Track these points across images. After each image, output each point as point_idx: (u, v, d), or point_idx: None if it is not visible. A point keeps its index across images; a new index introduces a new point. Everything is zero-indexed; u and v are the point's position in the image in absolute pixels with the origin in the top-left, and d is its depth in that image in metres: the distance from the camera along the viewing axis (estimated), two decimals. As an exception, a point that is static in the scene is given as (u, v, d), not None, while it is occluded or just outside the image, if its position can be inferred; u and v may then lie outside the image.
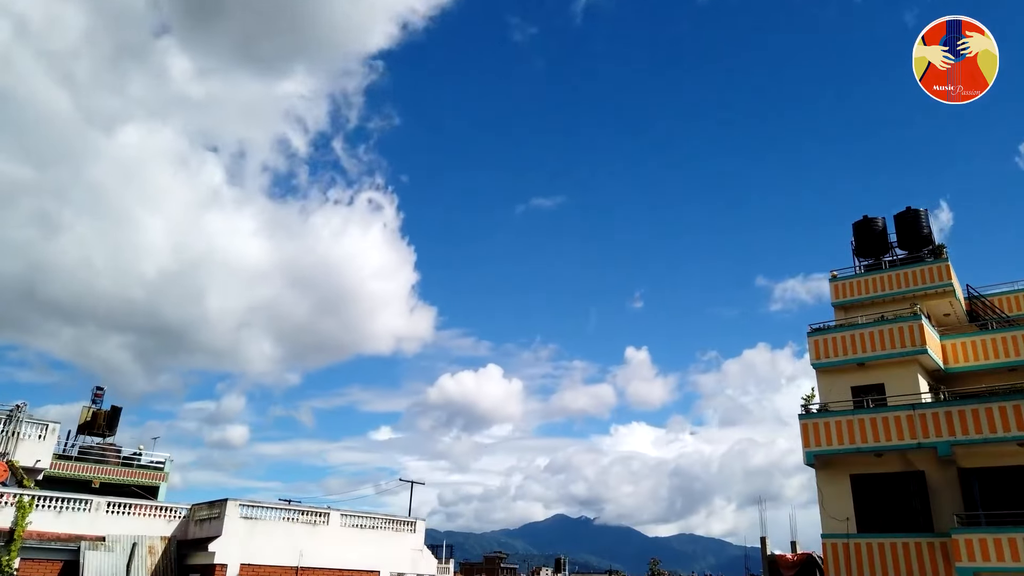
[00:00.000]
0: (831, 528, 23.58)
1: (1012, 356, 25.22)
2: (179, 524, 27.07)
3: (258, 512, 26.32)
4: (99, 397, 44.98)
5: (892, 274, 27.22)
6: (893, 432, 22.76)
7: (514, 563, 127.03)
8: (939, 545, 21.45)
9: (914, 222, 28.54)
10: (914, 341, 24.29)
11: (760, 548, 28.20)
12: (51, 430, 28.66)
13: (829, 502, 24.11)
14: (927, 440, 22.13)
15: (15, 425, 27.24)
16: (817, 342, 26.14)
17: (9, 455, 26.75)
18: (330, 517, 28.07)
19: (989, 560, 19.98)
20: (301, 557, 26.04)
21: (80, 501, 25.19)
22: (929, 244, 27.98)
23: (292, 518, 27.51)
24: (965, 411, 21.90)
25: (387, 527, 30.05)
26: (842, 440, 23.56)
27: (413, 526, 31.04)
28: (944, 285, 26.33)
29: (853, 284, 27.91)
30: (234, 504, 25.44)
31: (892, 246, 29.00)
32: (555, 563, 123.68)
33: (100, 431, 43.41)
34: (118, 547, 24.58)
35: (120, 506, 26.00)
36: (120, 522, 25.56)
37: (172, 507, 27.80)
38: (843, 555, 22.82)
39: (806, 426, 24.45)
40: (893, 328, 24.77)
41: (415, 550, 30.39)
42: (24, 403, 28.17)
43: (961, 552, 20.41)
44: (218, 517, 25.27)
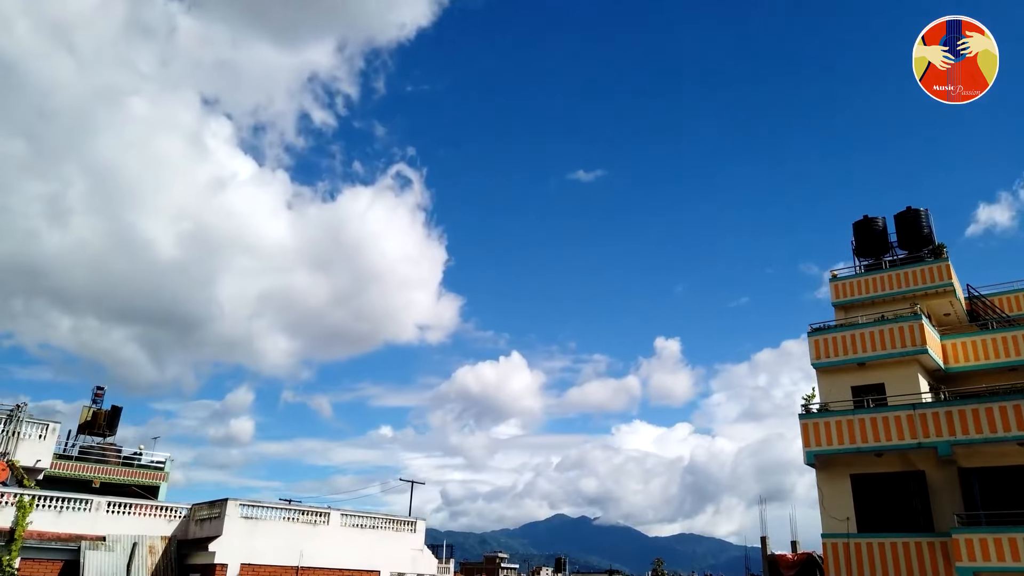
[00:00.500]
0: (831, 528, 23.59)
1: (1012, 356, 25.23)
2: (179, 524, 27.09)
3: (258, 512, 26.33)
4: (99, 397, 45.03)
5: (892, 274, 27.23)
6: (893, 432, 22.76)
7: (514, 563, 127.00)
8: (939, 545, 21.46)
9: (914, 222, 28.56)
10: (914, 341, 24.29)
11: (760, 548, 28.21)
12: (51, 430, 28.67)
13: (829, 502, 24.12)
14: (927, 440, 22.13)
15: (15, 425, 27.26)
16: (817, 342, 26.15)
17: (9, 455, 26.77)
18: (330, 517, 28.10)
19: (989, 560, 19.98)
20: (301, 557, 26.05)
21: (80, 501, 25.21)
22: (929, 244, 28.00)
23: (292, 518, 27.52)
24: (965, 411, 21.90)
25: (387, 527, 30.07)
26: (842, 440, 23.57)
27: (413, 526, 31.07)
28: (944, 285, 26.34)
29: (853, 284, 27.91)
30: (234, 504, 25.46)
31: (892, 246, 29.02)
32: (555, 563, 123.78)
33: (100, 431, 43.46)
34: (118, 547, 24.59)
35: (120, 506, 26.01)
36: (120, 522, 25.57)
37: (172, 507, 27.82)
38: (843, 555, 22.82)
39: (806, 426, 24.45)
40: (893, 328, 24.78)
41: (415, 550, 30.42)
42: (24, 403, 28.22)
43: (961, 552, 20.41)
44: (218, 517, 25.29)
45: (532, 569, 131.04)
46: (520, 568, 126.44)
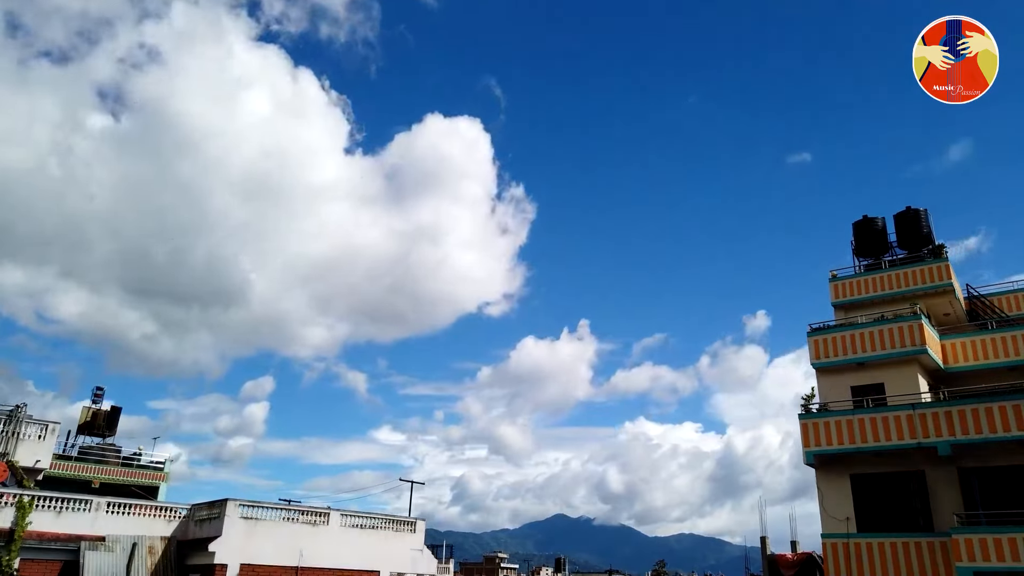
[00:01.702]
0: (831, 528, 23.58)
1: (1012, 356, 25.19)
2: (179, 524, 27.09)
3: (258, 512, 26.34)
4: (99, 397, 45.04)
5: (892, 274, 27.21)
6: (893, 432, 22.74)
7: (514, 563, 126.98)
8: (939, 545, 21.44)
9: (914, 222, 28.55)
10: (914, 341, 24.28)
11: (760, 548, 28.20)
12: (51, 430, 28.68)
13: (829, 502, 24.11)
14: (927, 440, 22.11)
15: (15, 425, 27.26)
16: (817, 342, 26.13)
17: (9, 455, 26.77)
18: (330, 517, 28.11)
19: (989, 560, 19.96)
20: (301, 557, 26.06)
21: (80, 501, 25.22)
22: (929, 244, 27.99)
23: (292, 518, 27.54)
24: (965, 411, 21.88)
25: (387, 527, 30.08)
26: (842, 440, 23.55)
27: (413, 526, 31.08)
28: (944, 285, 26.32)
29: (853, 284, 27.89)
30: (234, 504, 25.46)
31: (892, 246, 29.00)
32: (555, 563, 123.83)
33: (100, 431, 43.47)
34: (118, 547, 24.60)
35: (120, 506, 26.02)
36: (120, 522, 25.58)
37: (172, 507, 27.83)
38: (843, 555, 22.81)
39: (806, 426, 24.43)
40: (893, 328, 24.77)
41: (415, 550, 30.43)
42: (24, 403, 28.24)
43: (961, 552, 20.39)
44: (218, 517, 25.29)
45: (532, 569, 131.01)
46: (520, 568, 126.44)
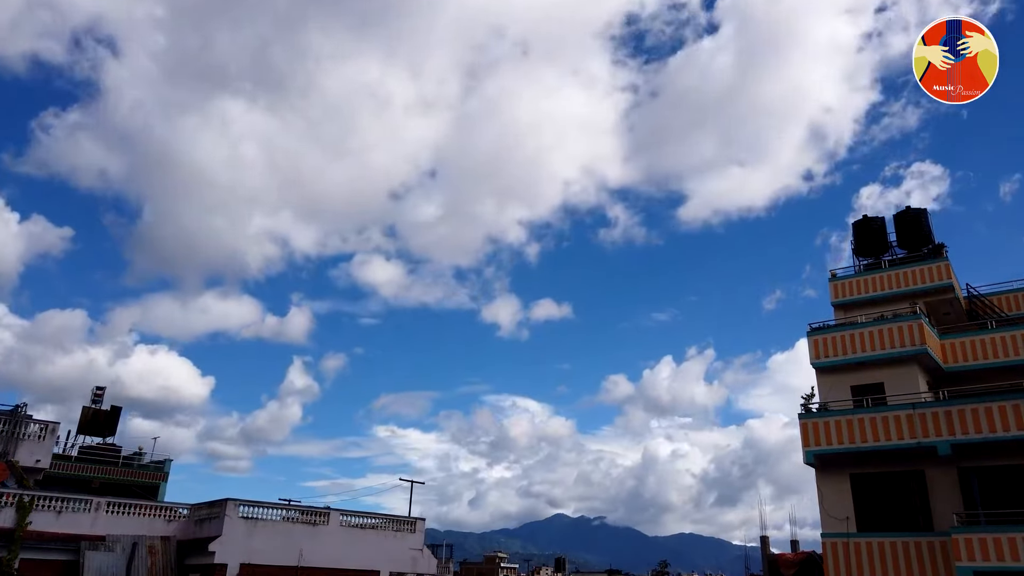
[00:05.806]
0: (831, 527, 23.59)
1: (1012, 356, 25.16)
2: (179, 524, 27.10)
3: (258, 512, 26.35)
4: (99, 397, 45.04)
5: (892, 273, 27.20)
6: (893, 432, 22.74)
7: (514, 563, 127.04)
8: (939, 545, 21.43)
9: (914, 221, 28.56)
10: (914, 340, 24.28)
11: (760, 548, 28.20)
12: (51, 430, 28.68)
13: (829, 502, 24.11)
14: (927, 440, 22.11)
15: (15, 425, 27.25)
16: (817, 342, 26.13)
17: (9, 455, 26.76)
18: (330, 517, 28.12)
19: (989, 560, 19.96)
20: (301, 557, 26.06)
21: (80, 501, 25.24)
22: (929, 243, 27.99)
23: (292, 518, 27.55)
24: (965, 411, 21.88)
25: (387, 527, 30.08)
26: (842, 440, 23.54)
27: (413, 526, 31.08)
28: (944, 285, 26.32)
29: (853, 283, 27.89)
30: (234, 504, 25.47)
31: (892, 245, 29.00)
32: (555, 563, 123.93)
33: (100, 431, 43.47)
34: (118, 547, 24.60)
35: (120, 506, 26.03)
36: (120, 522, 25.59)
37: (172, 507, 27.84)
38: (843, 554, 22.80)
39: (806, 426, 24.43)
40: (893, 327, 24.76)
41: (415, 550, 30.43)
42: (24, 403, 28.26)
43: (961, 552, 20.39)
44: (218, 517, 25.30)
45: (532, 569, 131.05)
46: (520, 568, 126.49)
